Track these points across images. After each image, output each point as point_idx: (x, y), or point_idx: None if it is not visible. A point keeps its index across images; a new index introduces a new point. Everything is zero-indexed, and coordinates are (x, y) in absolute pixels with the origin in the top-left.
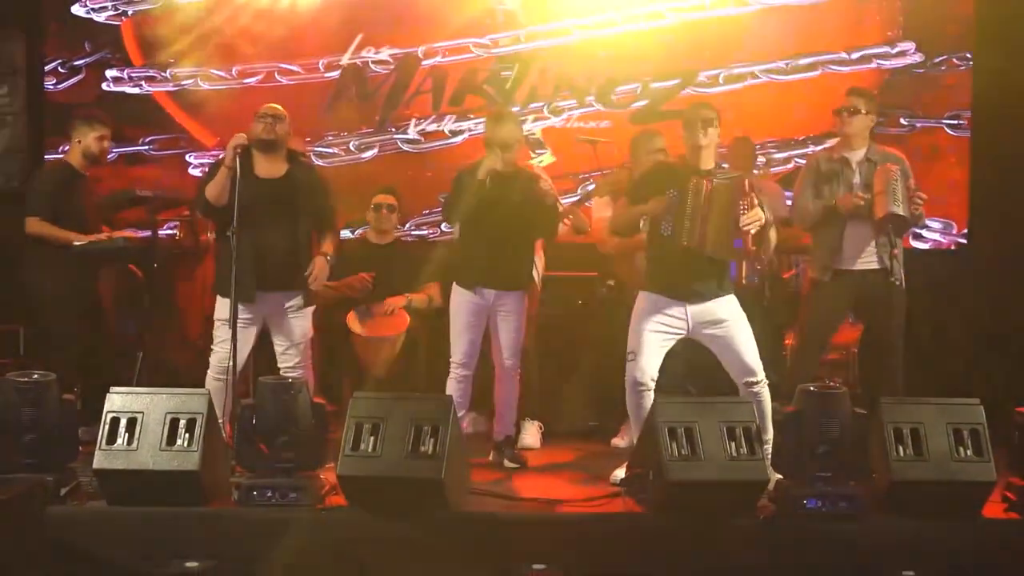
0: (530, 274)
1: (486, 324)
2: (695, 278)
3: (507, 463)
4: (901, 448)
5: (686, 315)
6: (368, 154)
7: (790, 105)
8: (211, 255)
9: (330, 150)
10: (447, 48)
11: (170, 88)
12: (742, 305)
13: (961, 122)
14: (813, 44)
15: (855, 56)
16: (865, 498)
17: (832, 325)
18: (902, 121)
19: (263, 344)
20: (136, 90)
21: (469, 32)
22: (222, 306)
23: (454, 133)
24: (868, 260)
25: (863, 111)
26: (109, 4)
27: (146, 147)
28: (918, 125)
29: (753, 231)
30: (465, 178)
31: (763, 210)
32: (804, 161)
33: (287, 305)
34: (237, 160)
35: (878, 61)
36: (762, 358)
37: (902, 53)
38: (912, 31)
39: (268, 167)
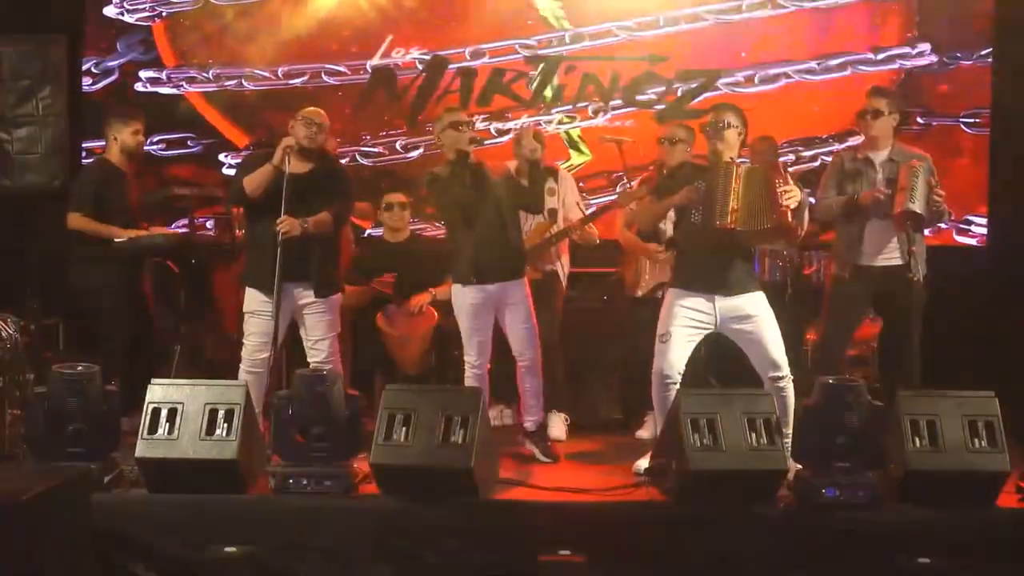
0: (524, 261)
1: (494, 318)
2: (722, 269)
3: (540, 456)
4: (917, 439)
5: (714, 310)
6: (414, 154)
7: (810, 104)
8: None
9: (375, 150)
10: (492, 49)
11: (212, 88)
12: None
13: (978, 120)
14: (839, 45)
15: (880, 57)
16: (882, 488)
17: (854, 320)
18: (919, 120)
19: (296, 337)
20: (173, 90)
21: (495, 35)
22: (250, 298)
23: (500, 132)
24: (889, 256)
25: (885, 112)
26: (147, 5)
27: (154, 147)
28: (934, 124)
29: (792, 206)
30: (439, 174)
31: (799, 188)
32: (829, 159)
33: (308, 299)
34: (287, 161)
35: (900, 62)
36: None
37: (921, 54)
38: (929, 31)
39: (295, 164)
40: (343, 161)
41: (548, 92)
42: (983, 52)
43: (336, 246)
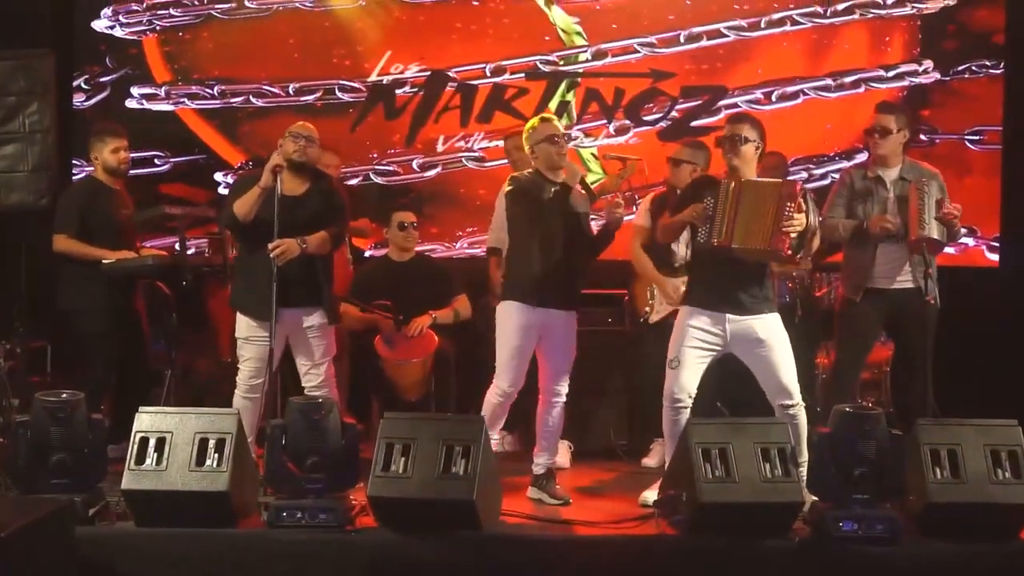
0: (581, 294)
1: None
2: (734, 288)
3: (548, 500)
4: (938, 470)
5: (725, 330)
6: (431, 172)
7: (821, 121)
8: None
9: (389, 168)
10: (513, 66)
11: (216, 105)
12: None
13: (983, 137)
14: (846, 63)
15: (891, 74)
16: (902, 521)
17: (866, 345)
18: (922, 137)
19: (292, 363)
20: (170, 107)
21: (512, 51)
22: (241, 323)
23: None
24: (903, 279)
25: (894, 129)
26: (143, 19)
27: None
28: (937, 140)
29: (793, 234)
30: (526, 185)
31: (809, 216)
32: (838, 176)
33: (307, 324)
34: (279, 181)
35: (909, 79)
36: None
37: (926, 71)
38: (931, 49)
39: (290, 184)
40: (354, 181)
41: (552, 105)
42: (989, 69)
43: (331, 268)
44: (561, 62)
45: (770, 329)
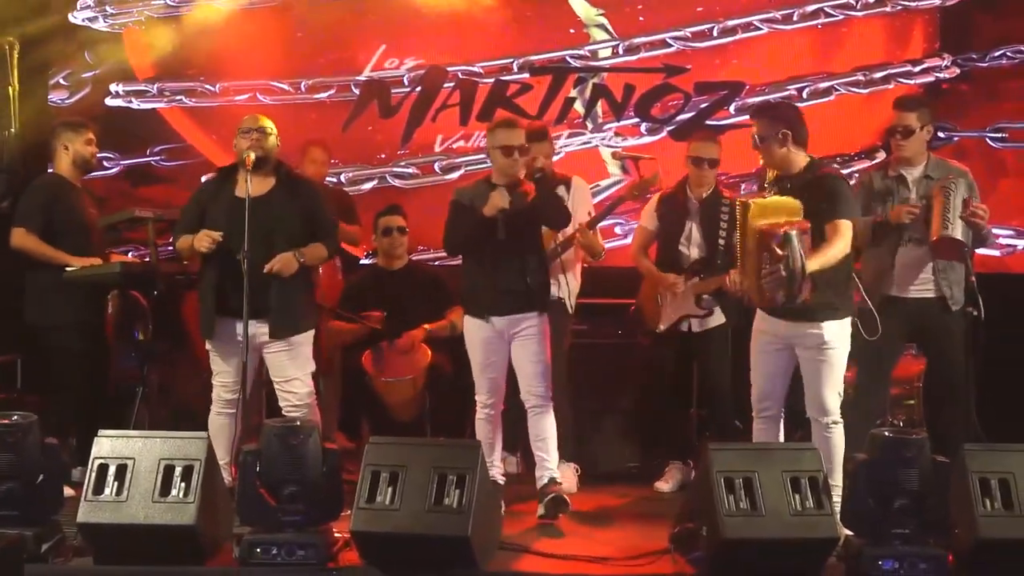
0: (547, 291)
1: (508, 354)
2: None
3: (548, 513)
4: (989, 502)
5: (784, 335)
6: (453, 175)
7: (836, 119)
8: None
9: (408, 170)
10: (542, 60)
11: (219, 103)
12: None
13: (1006, 134)
14: (865, 58)
15: (918, 69)
16: (948, 559)
17: (888, 357)
18: (940, 135)
19: None
20: (163, 105)
21: (535, 45)
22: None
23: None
24: (924, 288)
25: (917, 127)
26: (135, 9)
27: None
28: (956, 138)
29: (774, 284)
30: (465, 200)
31: (793, 260)
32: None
33: (260, 338)
34: (248, 181)
35: (935, 74)
36: None
37: (948, 67)
38: (960, 39)
39: (252, 182)
40: (368, 185)
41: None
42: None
43: (306, 277)
44: (590, 57)
45: (822, 337)
